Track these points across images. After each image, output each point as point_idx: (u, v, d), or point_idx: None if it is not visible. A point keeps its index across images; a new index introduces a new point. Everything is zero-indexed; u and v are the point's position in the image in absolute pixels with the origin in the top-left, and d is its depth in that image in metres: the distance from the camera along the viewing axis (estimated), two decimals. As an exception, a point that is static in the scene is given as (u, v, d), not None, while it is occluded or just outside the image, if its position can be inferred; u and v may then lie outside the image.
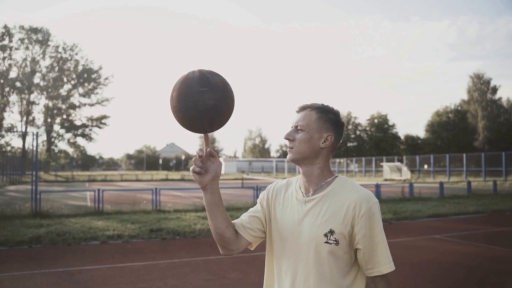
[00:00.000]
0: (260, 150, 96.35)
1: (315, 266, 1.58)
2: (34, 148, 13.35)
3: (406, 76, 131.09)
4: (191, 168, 1.56)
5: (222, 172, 70.57)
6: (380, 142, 59.89)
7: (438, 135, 58.58)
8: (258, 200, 1.85)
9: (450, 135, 57.48)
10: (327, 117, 1.67)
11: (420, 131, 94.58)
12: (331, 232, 1.56)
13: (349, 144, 60.96)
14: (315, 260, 1.58)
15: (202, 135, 1.57)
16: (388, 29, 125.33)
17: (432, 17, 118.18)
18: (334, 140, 1.67)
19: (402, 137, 62.02)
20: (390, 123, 61.27)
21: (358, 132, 62.06)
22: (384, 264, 1.56)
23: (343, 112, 1.72)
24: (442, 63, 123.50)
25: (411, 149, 59.22)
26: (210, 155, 1.57)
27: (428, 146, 57.96)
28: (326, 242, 1.56)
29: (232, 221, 1.75)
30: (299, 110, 1.72)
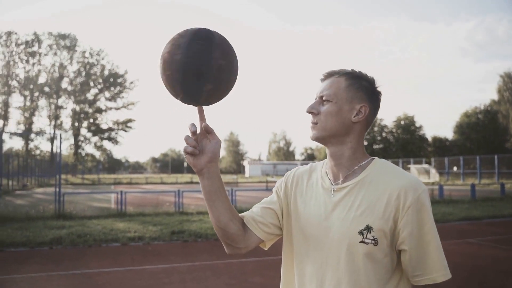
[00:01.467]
0: (284, 153, 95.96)
1: (347, 272, 1.27)
2: (59, 150, 13.40)
3: (433, 77, 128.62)
4: (183, 148, 1.29)
5: (246, 175, 71.57)
6: (407, 144, 58.67)
7: (467, 136, 57.07)
8: (273, 189, 1.53)
9: (480, 136, 55.88)
10: (360, 84, 1.36)
11: (448, 133, 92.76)
12: (368, 229, 1.25)
13: (375, 147, 59.97)
14: (347, 265, 1.27)
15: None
16: (413, 30, 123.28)
17: (458, 17, 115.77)
18: (369, 112, 1.36)
19: (429, 139, 60.69)
20: (417, 124, 60.04)
21: (384, 134, 60.97)
22: (438, 270, 1.24)
23: (378, 82, 1.40)
24: (470, 63, 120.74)
25: (439, 151, 57.84)
26: (206, 131, 1.30)
27: (457, 147, 56.53)
28: (362, 242, 1.25)
29: (241, 214, 1.46)
30: (324, 77, 1.40)
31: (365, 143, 1.46)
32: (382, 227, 1.25)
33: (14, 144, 55.29)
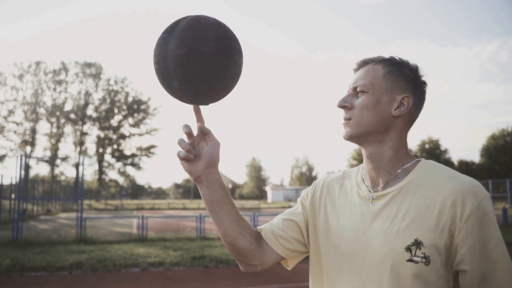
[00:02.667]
0: (307, 178, 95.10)
1: None
2: (81, 176, 13.47)
3: (457, 100, 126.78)
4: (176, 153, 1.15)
5: (269, 200, 71.10)
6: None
7: (495, 159, 55.62)
8: (299, 199, 1.33)
9: (509, 159, 54.39)
10: (401, 72, 1.16)
11: (475, 156, 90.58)
12: (417, 244, 1.03)
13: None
14: None
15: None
16: (435, 53, 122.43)
17: (481, 38, 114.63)
18: (412, 104, 1.15)
19: (455, 163, 59.35)
20: (442, 148, 58.95)
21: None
22: None
23: (422, 70, 1.19)
24: (494, 85, 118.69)
25: (466, 174, 56.40)
26: (201, 132, 1.15)
27: (484, 171, 55.04)
28: (410, 260, 1.02)
29: (259, 227, 1.28)
30: (358, 66, 1.21)
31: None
32: (435, 242, 1.02)
33: (41, 169, 56.33)
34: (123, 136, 63.20)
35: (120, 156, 62.94)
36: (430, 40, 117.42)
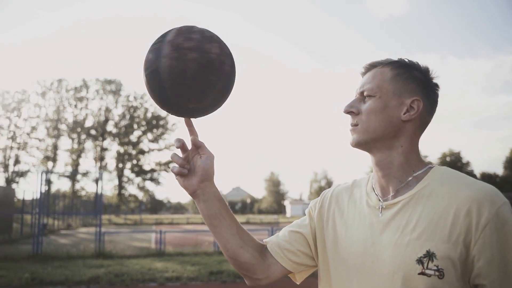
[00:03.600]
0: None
1: None
2: (100, 191, 13.60)
3: (478, 112, 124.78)
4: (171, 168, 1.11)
5: (288, 215, 70.76)
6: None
7: (519, 172, 54.43)
8: (306, 210, 1.28)
9: (534, 172, 53.17)
10: (410, 74, 1.10)
11: (498, 168, 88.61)
12: (430, 255, 0.96)
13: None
14: None
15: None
16: (454, 64, 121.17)
17: (502, 50, 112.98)
18: (423, 108, 1.09)
19: (478, 175, 58.19)
20: (464, 160, 57.95)
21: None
22: None
23: (434, 71, 1.13)
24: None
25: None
26: (194, 145, 1.13)
27: (508, 184, 53.81)
28: (422, 274, 0.96)
29: (265, 240, 1.24)
30: (365, 70, 1.16)
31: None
32: (449, 253, 0.95)
33: (62, 185, 57.25)
34: (142, 152, 63.87)
35: (139, 171, 63.54)
36: (449, 52, 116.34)
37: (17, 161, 51.41)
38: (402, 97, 1.09)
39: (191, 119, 1.14)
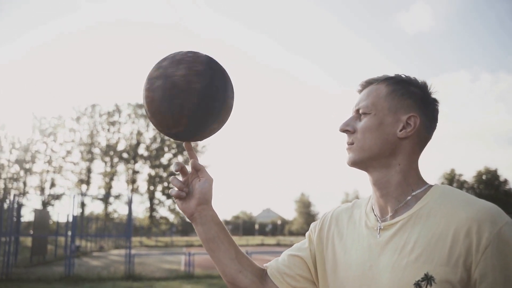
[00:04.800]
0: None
1: None
2: (132, 213, 13.81)
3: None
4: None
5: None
6: (491, 200, 53.61)
7: (561, 190, 52.09)
8: (307, 233, 1.26)
9: None
10: (406, 90, 1.08)
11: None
12: (428, 279, 0.92)
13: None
14: None
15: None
16: (487, 80, 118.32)
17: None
18: (420, 124, 1.05)
19: (517, 194, 55.99)
20: (501, 178, 55.92)
21: (464, 191, 57.31)
22: None
23: (433, 86, 1.10)
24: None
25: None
26: (194, 168, 1.14)
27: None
28: None
29: (265, 264, 1.23)
30: (362, 87, 1.14)
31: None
32: (448, 277, 0.90)
33: (95, 207, 58.50)
34: (173, 174, 64.44)
35: (170, 193, 64.28)
36: (482, 67, 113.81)
37: (52, 184, 52.88)
38: (398, 114, 1.06)
39: (190, 142, 1.16)
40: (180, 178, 1.18)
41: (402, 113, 1.06)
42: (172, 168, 1.15)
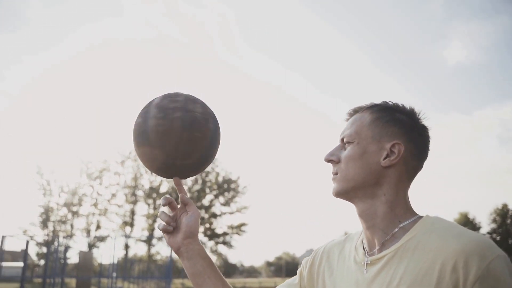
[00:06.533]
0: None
1: None
2: (171, 255, 13.94)
3: None
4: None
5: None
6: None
7: None
8: (298, 269, 1.26)
9: None
10: (391, 117, 1.05)
11: None
12: None
13: (511, 241, 53.06)
14: None
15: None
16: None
17: None
18: (405, 152, 1.02)
19: None
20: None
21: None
22: None
23: (422, 112, 1.08)
24: None
25: None
26: (182, 202, 1.16)
27: None
28: None
29: None
30: (349, 116, 1.13)
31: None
32: None
33: (138, 249, 59.23)
34: (214, 215, 64.92)
35: (212, 234, 64.27)
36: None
37: (98, 227, 54.25)
38: (382, 142, 1.03)
39: (180, 179, 1.20)
40: (169, 213, 1.21)
41: (386, 141, 1.04)
42: (160, 202, 1.18)
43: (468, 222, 50.98)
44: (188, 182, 63.73)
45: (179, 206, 1.22)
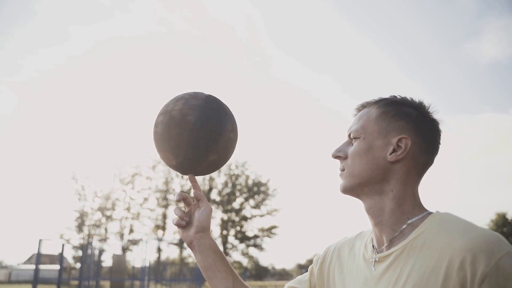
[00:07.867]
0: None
1: None
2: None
3: None
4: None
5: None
6: None
7: None
8: (310, 266, 1.24)
9: None
10: (398, 111, 1.02)
11: None
12: None
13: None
14: None
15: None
16: None
17: None
18: (413, 146, 0.99)
19: None
20: None
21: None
22: None
23: (432, 105, 1.04)
24: None
25: None
26: (195, 198, 1.20)
27: None
28: None
29: None
30: (357, 111, 1.11)
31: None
32: None
33: (170, 252, 60.12)
34: (245, 218, 65.10)
35: (243, 237, 64.45)
36: None
37: (131, 230, 55.32)
38: (388, 137, 1.01)
39: (195, 176, 1.25)
40: (184, 208, 1.26)
41: (392, 136, 1.01)
42: (174, 197, 1.23)
43: (506, 223, 49.34)
44: (218, 185, 64.20)
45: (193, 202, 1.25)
